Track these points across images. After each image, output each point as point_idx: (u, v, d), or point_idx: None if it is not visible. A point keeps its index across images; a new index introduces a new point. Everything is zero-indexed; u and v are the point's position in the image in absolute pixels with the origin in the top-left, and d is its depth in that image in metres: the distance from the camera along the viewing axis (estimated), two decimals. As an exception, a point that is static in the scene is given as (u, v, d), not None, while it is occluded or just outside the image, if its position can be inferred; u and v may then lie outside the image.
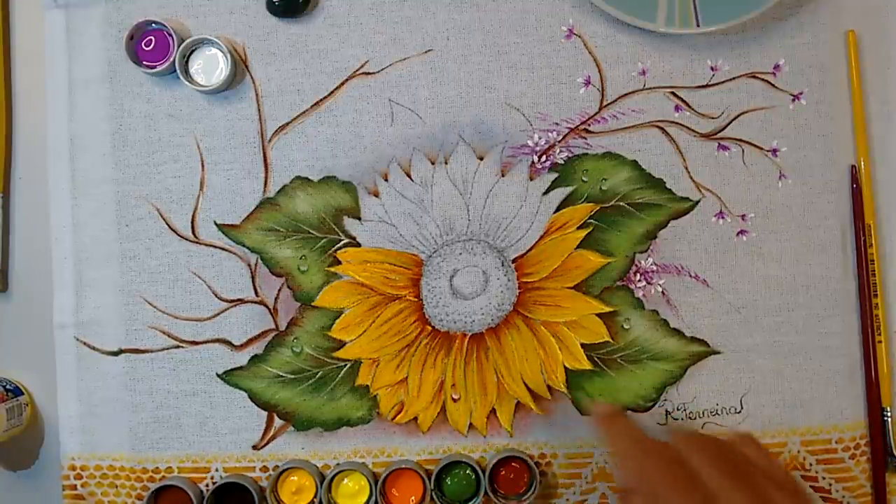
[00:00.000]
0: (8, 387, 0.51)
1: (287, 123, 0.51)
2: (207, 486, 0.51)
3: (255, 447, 0.51)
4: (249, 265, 0.51)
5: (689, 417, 0.51)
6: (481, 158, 0.51)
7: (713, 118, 0.51)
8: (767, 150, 0.51)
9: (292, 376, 0.51)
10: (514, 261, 0.51)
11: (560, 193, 0.51)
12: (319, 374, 0.51)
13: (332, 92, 0.51)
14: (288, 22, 0.51)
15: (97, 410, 0.51)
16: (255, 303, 0.51)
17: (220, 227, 0.51)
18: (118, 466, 0.51)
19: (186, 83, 0.50)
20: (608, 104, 0.51)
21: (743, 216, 0.51)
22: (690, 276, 0.51)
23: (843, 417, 0.51)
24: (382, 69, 0.51)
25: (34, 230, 0.52)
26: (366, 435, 0.51)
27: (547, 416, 0.51)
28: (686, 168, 0.51)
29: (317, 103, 0.51)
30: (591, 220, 0.51)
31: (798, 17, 0.51)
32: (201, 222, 0.51)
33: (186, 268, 0.51)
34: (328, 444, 0.51)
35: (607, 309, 0.51)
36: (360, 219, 0.51)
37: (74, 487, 0.52)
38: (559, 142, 0.51)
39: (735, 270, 0.51)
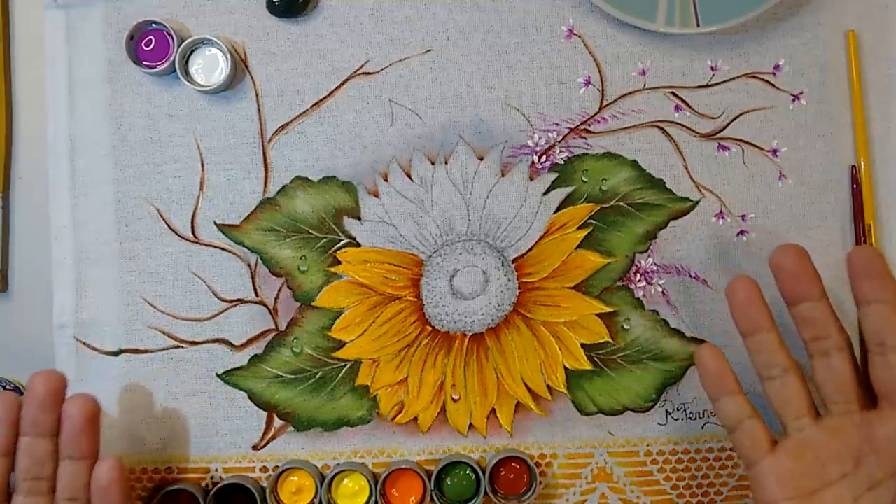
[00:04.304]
0: (8, 387, 0.51)
1: (287, 123, 0.51)
2: (207, 486, 0.51)
3: (255, 447, 0.51)
4: (249, 265, 0.51)
5: (689, 418, 0.51)
6: (481, 158, 0.51)
7: (713, 118, 0.51)
8: (767, 150, 0.51)
9: (292, 376, 0.51)
10: (514, 261, 0.51)
11: (560, 193, 0.51)
12: (319, 374, 0.51)
13: (332, 92, 0.51)
14: (288, 22, 0.51)
15: (97, 410, 0.51)
16: (255, 303, 0.51)
17: (220, 227, 0.51)
18: (118, 466, 0.51)
19: (186, 83, 0.50)
20: (608, 104, 0.51)
21: (743, 216, 0.51)
22: (690, 276, 0.51)
23: (844, 417, 0.51)
24: (382, 69, 0.51)
25: (34, 230, 0.52)
26: (366, 435, 0.51)
27: (547, 416, 0.51)
28: (686, 168, 0.51)
29: (317, 103, 0.51)
30: (591, 220, 0.51)
31: (798, 17, 0.51)
32: (201, 222, 0.51)
33: (186, 268, 0.51)
34: (328, 444, 0.51)
35: (607, 309, 0.51)
36: (360, 219, 0.51)
37: (74, 487, 0.52)
38: (559, 142, 0.51)
39: (735, 270, 0.51)
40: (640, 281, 0.51)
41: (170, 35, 0.50)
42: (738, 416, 0.42)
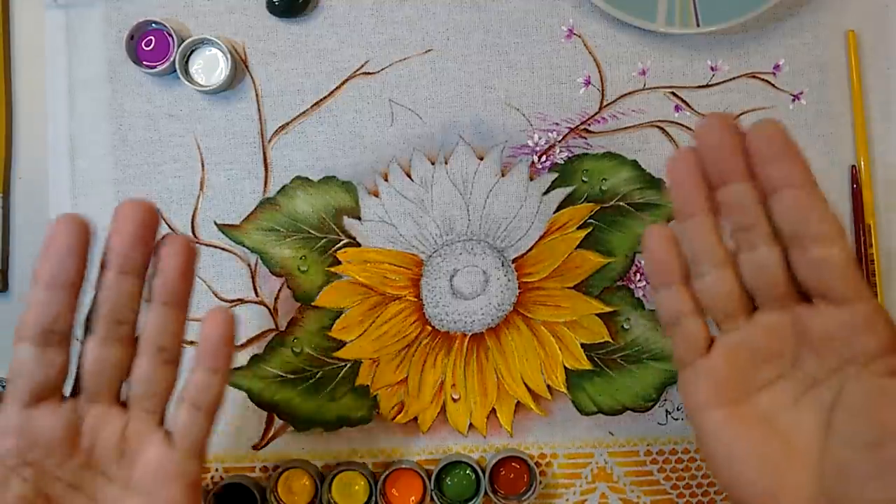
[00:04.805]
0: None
1: (287, 123, 0.51)
2: (207, 486, 0.51)
3: (255, 447, 0.51)
4: (249, 265, 0.51)
5: (689, 417, 0.51)
6: (481, 158, 0.51)
7: (713, 118, 0.51)
8: (767, 150, 0.51)
9: (292, 376, 0.51)
10: (514, 261, 0.51)
11: (560, 193, 0.51)
12: (319, 374, 0.51)
13: (332, 92, 0.51)
14: (288, 22, 0.51)
15: (97, 410, 0.51)
16: (255, 303, 0.51)
17: (220, 227, 0.51)
18: (118, 466, 0.51)
19: (186, 83, 0.50)
20: (608, 104, 0.51)
21: (743, 216, 0.51)
22: (690, 276, 0.51)
23: (843, 417, 0.51)
24: (382, 69, 0.51)
25: (34, 230, 0.52)
26: (366, 435, 0.51)
27: (547, 416, 0.51)
28: (686, 168, 0.51)
29: (317, 103, 0.51)
30: (591, 220, 0.51)
31: (798, 17, 0.51)
32: (201, 222, 0.51)
33: (186, 268, 0.51)
34: (328, 444, 0.51)
35: (607, 309, 0.51)
36: (360, 219, 0.51)
37: (74, 487, 0.51)
38: (559, 142, 0.51)
39: (735, 270, 0.51)
40: (640, 281, 0.51)
41: (170, 35, 0.50)
42: (678, 311, 0.36)
